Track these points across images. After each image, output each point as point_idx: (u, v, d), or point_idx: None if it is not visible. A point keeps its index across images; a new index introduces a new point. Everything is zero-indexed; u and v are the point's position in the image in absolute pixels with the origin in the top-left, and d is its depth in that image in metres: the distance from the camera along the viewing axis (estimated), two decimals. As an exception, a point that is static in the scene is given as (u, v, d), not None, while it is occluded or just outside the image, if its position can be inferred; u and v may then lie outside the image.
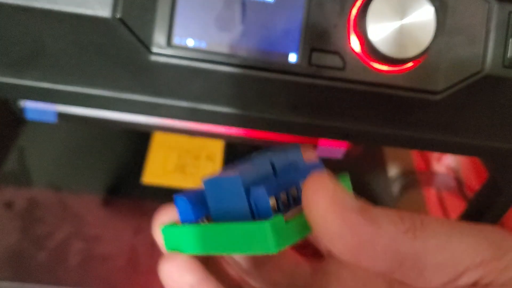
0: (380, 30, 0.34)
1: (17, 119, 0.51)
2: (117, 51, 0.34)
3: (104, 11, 0.33)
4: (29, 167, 0.71)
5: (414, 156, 0.96)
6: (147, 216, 0.67)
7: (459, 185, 0.91)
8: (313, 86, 0.36)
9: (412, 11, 0.34)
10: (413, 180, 0.92)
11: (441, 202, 0.90)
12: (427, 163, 0.96)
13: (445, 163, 0.94)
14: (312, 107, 0.37)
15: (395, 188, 0.89)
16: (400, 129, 0.38)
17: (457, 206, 0.89)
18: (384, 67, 0.36)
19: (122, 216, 0.68)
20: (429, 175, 0.93)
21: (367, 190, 0.78)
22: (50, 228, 0.64)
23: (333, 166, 0.74)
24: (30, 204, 0.66)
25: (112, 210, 0.68)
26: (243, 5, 0.36)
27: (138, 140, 0.77)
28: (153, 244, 0.64)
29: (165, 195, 0.71)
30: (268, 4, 0.36)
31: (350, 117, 0.37)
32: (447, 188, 0.92)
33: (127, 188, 0.71)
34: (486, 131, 0.39)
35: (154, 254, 0.64)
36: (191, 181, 0.73)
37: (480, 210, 0.47)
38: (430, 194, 0.92)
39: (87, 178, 0.71)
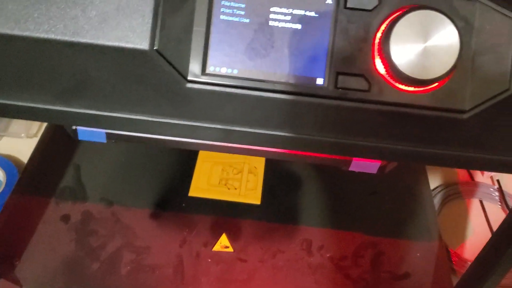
0: (404, 53, 0.35)
1: (72, 139, 0.55)
2: (156, 79, 0.37)
3: (142, 44, 0.36)
4: (84, 183, 0.75)
5: (458, 167, 0.94)
6: (193, 228, 0.71)
7: (503, 196, 0.89)
8: (339, 107, 0.38)
9: (436, 34, 0.35)
10: (456, 190, 0.91)
11: (484, 213, 0.89)
12: (471, 173, 0.94)
13: (489, 174, 0.93)
14: (339, 128, 0.38)
15: (438, 198, 0.89)
16: (428, 147, 0.39)
17: (500, 218, 0.87)
18: (409, 88, 0.37)
19: (169, 228, 0.71)
20: (472, 185, 0.92)
21: (409, 201, 0.78)
22: (103, 240, 0.68)
23: (376, 179, 0.74)
24: (84, 218, 0.71)
25: (160, 223, 0.71)
26: (272, 33, 0.38)
27: (185, 156, 0.81)
28: (198, 255, 0.67)
29: (209, 208, 0.73)
30: (296, 30, 0.38)
31: (377, 137, 0.38)
32: (490, 199, 0.90)
33: (174, 202, 0.74)
34: (517, 147, 0.39)
35: (199, 264, 0.66)
36: (234, 194, 0.75)
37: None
38: (473, 205, 0.90)
39: (137, 193, 0.75)
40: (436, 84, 0.37)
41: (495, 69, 0.37)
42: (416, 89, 0.37)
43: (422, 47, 0.35)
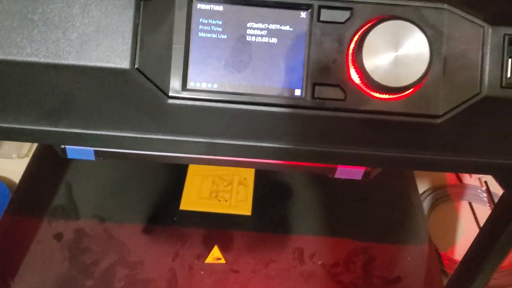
0: (377, 62, 0.36)
1: (62, 158, 0.56)
2: (138, 97, 0.38)
3: (123, 63, 0.37)
4: (76, 201, 0.76)
5: (446, 170, 0.96)
6: (185, 241, 0.71)
7: (491, 197, 0.91)
8: (318, 117, 0.39)
9: (406, 42, 0.36)
10: (445, 193, 0.92)
11: (474, 215, 0.90)
12: (459, 175, 0.96)
13: (477, 176, 0.94)
14: (320, 137, 0.39)
15: (427, 202, 0.90)
16: (406, 152, 0.40)
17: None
18: (384, 96, 0.38)
19: (161, 242, 0.71)
20: (461, 188, 0.93)
21: (398, 206, 0.79)
22: (96, 257, 0.69)
23: (364, 185, 0.75)
24: (77, 235, 0.71)
25: (153, 237, 0.72)
26: (250, 47, 0.39)
27: (175, 170, 0.82)
28: (191, 268, 0.68)
29: (201, 220, 0.74)
30: (272, 44, 0.39)
31: (357, 144, 0.40)
32: (479, 200, 0.92)
33: (165, 216, 0.75)
34: (491, 149, 0.40)
35: (192, 277, 0.67)
36: (225, 206, 0.76)
37: (500, 225, 0.47)
38: (462, 207, 0.92)
39: (129, 208, 0.76)
40: (409, 91, 0.38)
41: (465, 74, 0.38)
42: (390, 96, 0.38)
43: (393, 56, 0.36)
